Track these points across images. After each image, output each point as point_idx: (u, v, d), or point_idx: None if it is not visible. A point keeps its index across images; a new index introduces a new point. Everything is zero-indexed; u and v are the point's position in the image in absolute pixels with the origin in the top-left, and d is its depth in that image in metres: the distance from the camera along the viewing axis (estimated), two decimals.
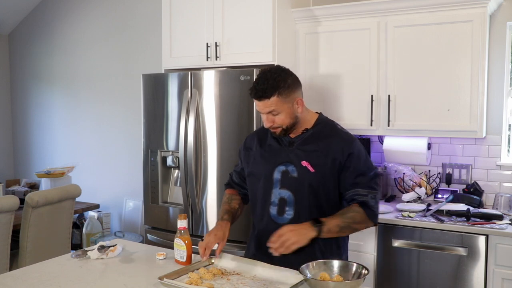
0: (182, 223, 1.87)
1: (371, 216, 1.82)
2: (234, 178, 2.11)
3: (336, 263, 1.67)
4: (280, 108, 1.78)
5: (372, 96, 3.09)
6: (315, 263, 1.66)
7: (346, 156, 1.82)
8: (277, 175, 1.87)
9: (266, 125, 1.83)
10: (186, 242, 1.85)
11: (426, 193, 3.16)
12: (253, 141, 1.99)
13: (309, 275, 1.59)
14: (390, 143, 3.19)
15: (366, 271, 1.60)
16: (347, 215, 1.79)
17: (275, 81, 1.76)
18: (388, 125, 3.05)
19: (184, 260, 1.85)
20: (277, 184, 1.87)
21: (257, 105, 1.81)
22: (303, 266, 1.61)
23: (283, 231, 1.70)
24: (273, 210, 1.88)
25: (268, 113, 1.79)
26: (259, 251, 1.92)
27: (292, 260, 1.72)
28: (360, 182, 1.82)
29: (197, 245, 1.87)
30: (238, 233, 2.93)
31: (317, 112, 1.97)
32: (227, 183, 2.15)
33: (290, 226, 1.74)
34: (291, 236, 1.68)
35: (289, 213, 1.86)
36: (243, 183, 2.06)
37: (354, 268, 1.64)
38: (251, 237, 2.03)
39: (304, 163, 1.83)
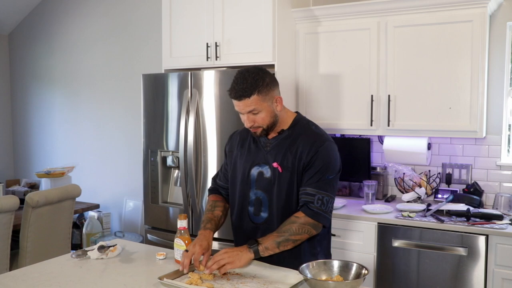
0: (182, 223, 1.87)
1: (314, 216, 1.77)
2: (219, 181, 2.09)
3: (336, 263, 1.67)
4: (260, 106, 1.81)
5: (372, 96, 3.09)
6: (315, 263, 1.66)
7: (311, 155, 1.82)
8: (253, 175, 1.92)
9: (247, 125, 1.85)
10: (186, 242, 1.85)
11: (426, 193, 3.16)
12: (235, 142, 2.03)
13: (309, 275, 1.59)
14: (390, 143, 3.19)
15: (366, 271, 1.60)
16: (282, 229, 1.78)
17: (254, 80, 1.79)
18: (388, 125, 3.05)
19: None
20: (253, 184, 1.92)
21: (237, 105, 1.84)
22: (303, 266, 1.62)
23: (219, 253, 1.72)
24: (251, 209, 1.93)
25: (249, 112, 1.82)
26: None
27: (280, 259, 1.78)
28: (313, 181, 1.80)
29: None
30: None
31: (295, 112, 1.99)
32: (211, 189, 2.12)
33: (227, 249, 1.74)
34: (225, 257, 1.69)
35: (264, 213, 1.90)
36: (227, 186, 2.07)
37: (354, 268, 1.64)
38: (234, 233, 2.08)
39: (275, 164, 1.87)
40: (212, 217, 1.97)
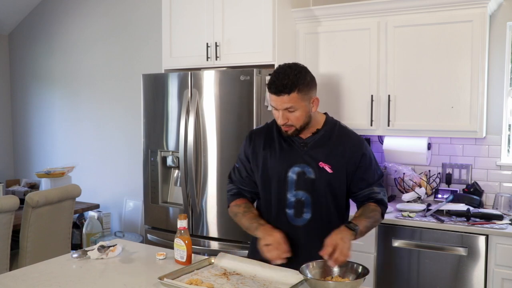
0: (182, 223, 1.87)
1: (385, 212, 1.93)
2: (244, 187, 1.98)
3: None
4: (298, 105, 1.75)
5: (372, 96, 3.09)
6: (315, 263, 1.66)
7: (360, 156, 1.86)
8: (291, 176, 1.85)
9: (280, 122, 1.79)
10: (186, 242, 1.85)
11: (426, 193, 3.16)
12: (258, 143, 1.93)
13: (309, 275, 1.59)
14: (390, 143, 3.19)
15: (366, 271, 1.60)
16: (370, 215, 1.84)
17: (296, 77, 1.73)
18: (388, 125, 3.05)
19: (184, 260, 1.85)
20: (292, 186, 1.86)
21: (274, 100, 1.76)
22: (303, 266, 1.61)
23: (335, 241, 1.66)
24: (290, 211, 1.87)
25: (285, 109, 1.76)
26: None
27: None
28: (374, 181, 1.89)
29: (197, 245, 1.87)
30: (238, 233, 2.93)
31: (323, 113, 1.97)
32: (236, 193, 2.00)
33: (336, 235, 1.70)
34: (344, 245, 1.66)
35: (306, 214, 1.86)
36: (255, 187, 1.97)
37: (354, 268, 1.64)
38: (254, 238, 1.96)
39: (321, 164, 1.84)
40: (257, 214, 1.90)
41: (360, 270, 1.62)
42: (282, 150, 1.88)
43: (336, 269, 1.66)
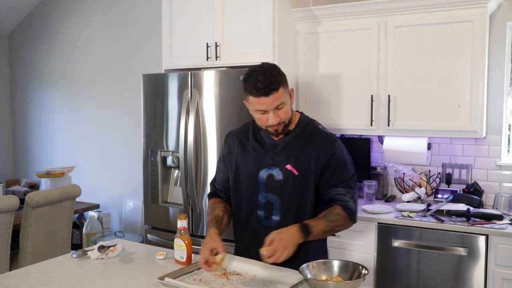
0: (182, 223, 1.87)
1: (352, 215, 1.83)
2: (218, 186, 2.05)
3: (336, 263, 1.67)
4: (285, 99, 1.77)
5: (372, 96, 3.09)
6: (315, 263, 1.66)
7: (329, 156, 1.83)
8: (262, 178, 1.86)
9: (273, 122, 1.77)
10: (186, 242, 1.85)
11: (426, 193, 3.16)
12: (233, 144, 1.95)
13: (309, 275, 1.59)
14: (390, 143, 3.19)
15: (366, 271, 1.60)
16: (331, 219, 1.79)
17: (274, 72, 1.75)
18: (388, 125, 3.05)
19: (184, 260, 1.85)
20: (262, 187, 1.87)
21: (263, 103, 1.74)
22: (303, 266, 1.61)
23: (276, 247, 1.65)
24: (261, 213, 1.88)
25: (275, 108, 1.75)
26: (250, 249, 1.89)
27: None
28: (341, 182, 1.83)
29: (197, 245, 1.87)
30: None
31: (297, 111, 1.96)
32: (210, 193, 2.08)
33: (280, 233, 1.69)
34: (281, 248, 1.65)
35: (275, 216, 1.86)
36: (227, 189, 2.01)
37: (354, 268, 1.64)
38: (236, 236, 2.03)
39: (288, 166, 1.83)
40: (213, 218, 1.94)
41: (360, 270, 1.62)
42: (254, 151, 1.90)
43: (336, 269, 1.65)
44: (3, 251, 3.08)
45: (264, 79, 1.71)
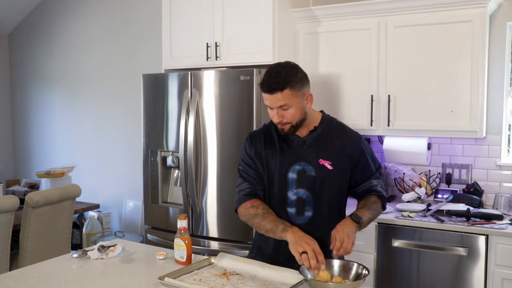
0: (182, 223, 1.86)
1: (385, 203, 1.95)
2: (258, 185, 1.91)
3: (336, 263, 1.67)
4: (291, 102, 1.76)
5: (372, 96, 3.09)
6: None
7: (359, 151, 1.89)
8: (292, 175, 1.86)
9: (276, 120, 1.80)
10: (186, 242, 1.85)
11: (426, 193, 3.16)
12: (259, 143, 1.92)
13: (309, 275, 1.59)
14: (390, 143, 3.19)
15: (366, 272, 1.60)
16: (373, 207, 1.86)
17: (287, 74, 1.75)
18: (388, 125, 3.05)
19: (184, 260, 1.85)
20: (293, 184, 1.86)
21: (267, 99, 1.77)
22: (303, 266, 1.61)
23: (342, 238, 1.67)
24: (291, 210, 1.87)
25: (279, 107, 1.77)
26: (279, 254, 1.85)
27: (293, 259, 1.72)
28: (372, 174, 1.92)
29: (197, 245, 1.86)
30: (237, 233, 2.94)
31: (320, 111, 1.98)
32: (249, 194, 1.90)
33: (339, 227, 1.70)
34: (346, 238, 1.67)
35: (308, 212, 1.86)
36: (264, 186, 1.92)
37: (354, 268, 1.64)
38: (261, 239, 1.94)
39: (321, 161, 1.85)
40: (277, 216, 1.84)
41: (360, 270, 1.62)
42: (282, 150, 1.89)
43: (336, 269, 1.65)
44: (3, 251, 3.08)
45: (273, 77, 1.74)
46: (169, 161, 3.25)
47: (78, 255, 1.95)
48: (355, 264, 1.64)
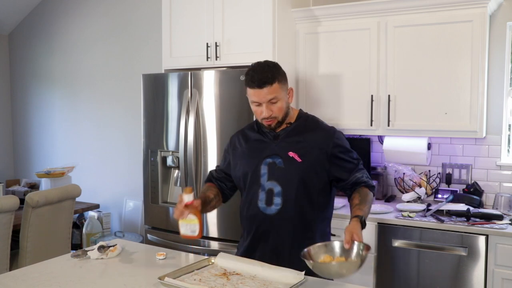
0: (189, 198, 1.78)
1: (373, 190, 1.96)
2: (215, 173, 2.10)
3: (336, 245, 1.67)
4: (280, 95, 1.85)
5: (372, 96, 3.09)
6: (316, 246, 1.67)
7: (332, 146, 1.90)
8: (264, 167, 1.92)
9: (265, 115, 1.85)
10: (197, 215, 1.78)
11: (426, 193, 3.16)
12: (238, 140, 2.04)
13: (311, 261, 1.59)
14: (390, 143, 3.19)
15: (366, 250, 1.59)
16: (367, 199, 1.87)
17: (274, 69, 1.85)
18: (388, 125, 3.05)
19: (197, 233, 1.79)
20: (264, 177, 1.91)
21: (256, 95, 1.84)
22: (305, 251, 1.62)
23: (353, 236, 1.67)
24: (262, 201, 1.92)
25: (268, 101, 1.83)
26: (253, 242, 1.95)
27: (289, 256, 1.82)
28: (353, 167, 1.93)
29: (197, 245, 1.87)
30: (237, 233, 2.93)
31: (298, 109, 2.05)
32: (207, 180, 2.14)
33: (353, 229, 1.69)
34: (354, 233, 1.68)
35: (277, 204, 1.89)
36: (225, 179, 2.07)
37: (355, 248, 1.63)
38: (248, 232, 2.01)
39: (291, 153, 1.90)
40: (203, 195, 1.95)
41: (361, 247, 1.62)
42: (256, 144, 1.97)
43: (338, 251, 1.66)
44: (3, 251, 3.08)
45: (261, 72, 1.83)
46: (169, 161, 3.25)
47: (78, 255, 1.95)
48: (355, 243, 1.64)
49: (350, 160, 1.93)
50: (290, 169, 1.88)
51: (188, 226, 1.81)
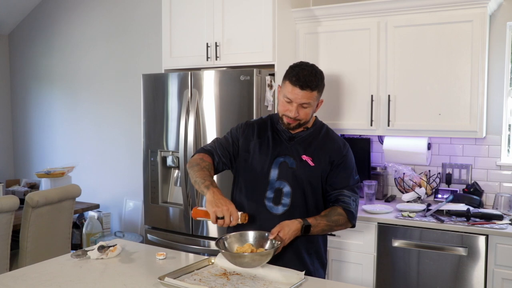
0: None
1: (352, 219, 1.93)
2: (219, 151, 2.00)
3: (251, 235, 1.79)
4: (312, 103, 1.87)
5: (372, 96, 3.09)
6: (232, 235, 1.78)
7: (341, 157, 1.93)
8: (275, 166, 1.92)
9: (291, 115, 1.85)
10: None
11: (426, 193, 3.16)
12: (253, 131, 2.01)
13: (222, 250, 1.68)
14: (390, 143, 3.19)
15: (279, 242, 1.70)
16: (333, 219, 1.88)
17: (320, 76, 1.87)
18: (388, 125, 3.05)
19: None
20: (274, 175, 1.92)
21: (294, 93, 1.82)
22: (221, 238, 1.73)
23: (280, 231, 1.77)
24: (269, 200, 1.92)
25: (300, 104, 1.84)
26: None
27: (280, 257, 1.83)
28: (347, 185, 1.93)
29: (197, 245, 1.88)
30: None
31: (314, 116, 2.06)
32: (207, 150, 2.01)
33: (286, 225, 1.78)
34: (286, 237, 1.76)
35: (285, 203, 1.91)
36: (225, 157, 2.00)
37: (269, 241, 1.74)
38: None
39: (304, 157, 1.91)
40: (208, 175, 1.89)
41: (274, 241, 1.72)
42: (270, 142, 1.96)
43: (251, 239, 1.77)
44: (3, 251, 3.08)
45: (308, 75, 1.82)
46: (169, 161, 3.25)
47: (78, 255, 1.95)
48: (267, 233, 1.76)
49: (347, 177, 1.93)
50: (302, 172, 1.90)
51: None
